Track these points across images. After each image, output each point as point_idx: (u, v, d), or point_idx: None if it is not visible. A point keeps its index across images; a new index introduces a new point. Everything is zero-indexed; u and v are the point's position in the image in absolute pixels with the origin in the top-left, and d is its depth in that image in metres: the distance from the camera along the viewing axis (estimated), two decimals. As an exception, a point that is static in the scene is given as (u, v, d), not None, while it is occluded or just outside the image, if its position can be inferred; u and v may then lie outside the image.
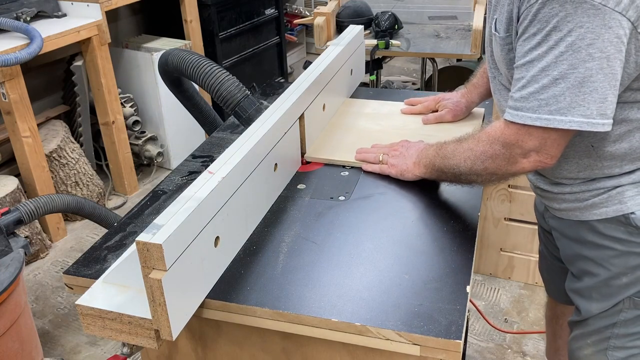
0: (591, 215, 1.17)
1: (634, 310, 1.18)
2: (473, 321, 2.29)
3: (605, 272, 1.18)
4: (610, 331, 1.22)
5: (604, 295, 1.20)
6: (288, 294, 1.02)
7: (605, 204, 1.14)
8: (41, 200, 2.02)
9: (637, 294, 1.16)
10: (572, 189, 1.18)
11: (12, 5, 2.77)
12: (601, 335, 1.24)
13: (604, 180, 1.14)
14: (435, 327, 0.94)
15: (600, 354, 1.25)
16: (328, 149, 1.48)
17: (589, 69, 0.96)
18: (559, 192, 1.21)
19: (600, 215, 1.15)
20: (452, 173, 1.22)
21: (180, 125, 3.45)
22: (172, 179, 1.43)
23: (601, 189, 1.14)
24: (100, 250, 1.18)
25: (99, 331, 0.99)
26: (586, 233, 1.19)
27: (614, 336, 1.22)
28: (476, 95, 1.58)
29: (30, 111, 2.71)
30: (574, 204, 1.19)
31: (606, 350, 1.24)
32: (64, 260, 2.84)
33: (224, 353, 1.14)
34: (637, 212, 1.11)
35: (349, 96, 1.80)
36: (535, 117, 1.01)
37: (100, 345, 2.31)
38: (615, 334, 1.21)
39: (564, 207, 1.22)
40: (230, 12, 3.75)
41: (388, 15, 2.86)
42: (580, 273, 1.25)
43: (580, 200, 1.18)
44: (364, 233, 1.18)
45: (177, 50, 1.60)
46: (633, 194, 1.12)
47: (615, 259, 1.16)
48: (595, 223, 1.17)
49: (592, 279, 1.21)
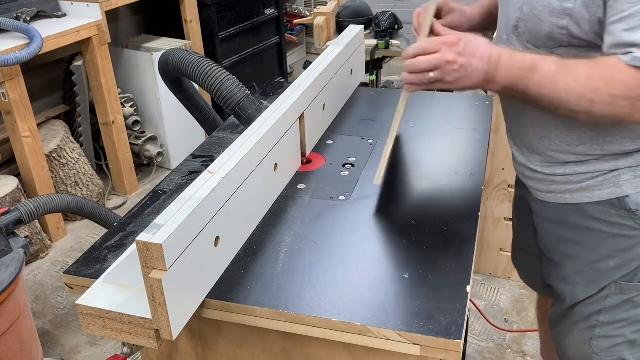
0: (582, 198, 1.16)
1: (620, 296, 1.17)
2: (473, 321, 2.29)
3: (591, 255, 1.18)
4: (596, 319, 1.21)
5: (590, 280, 1.19)
6: (288, 294, 1.02)
7: (599, 186, 1.14)
8: (41, 200, 2.02)
9: (623, 278, 1.16)
10: (565, 170, 1.17)
11: (12, 5, 2.77)
12: (586, 324, 1.23)
13: (599, 163, 1.13)
14: (435, 327, 0.94)
15: (585, 344, 1.24)
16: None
17: None
18: (550, 174, 1.19)
19: (592, 198, 1.14)
20: (547, 100, 1.02)
21: (180, 125, 3.45)
22: (172, 178, 1.43)
23: (597, 171, 1.13)
24: (101, 250, 1.18)
25: (99, 331, 0.99)
26: (573, 216, 1.18)
27: (599, 325, 1.21)
28: (477, 14, 1.39)
29: (30, 111, 2.71)
30: (565, 186, 1.18)
31: (591, 340, 1.23)
32: (64, 260, 2.84)
33: (224, 353, 1.14)
34: (632, 196, 1.11)
35: (349, 97, 1.80)
36: None
37: (100, 345, 2.31)
38: (601, 322, 1.21)
39: (553, 189, 1.20)
40: (230, 12, 3.75)
41: (388, 15, 2.87)
42: (562, 257, 1.24)
43: (572, 183, 1.16)
44: (364, 233, 1.18)
45: (177, 50, 1.60)
46: (629, 177, 1.11)
47: (603, 242, 1.16)
48: (584, 206, 1.16)
49: (576, 263, 1.21)
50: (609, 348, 1.22)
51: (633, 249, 1.14)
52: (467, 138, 1.53)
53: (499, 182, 2.33)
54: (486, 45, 1.04)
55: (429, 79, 1.05)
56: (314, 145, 1.52)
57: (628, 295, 1.17)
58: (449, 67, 1.03)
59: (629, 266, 1.15)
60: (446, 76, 1.04)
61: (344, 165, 1.43)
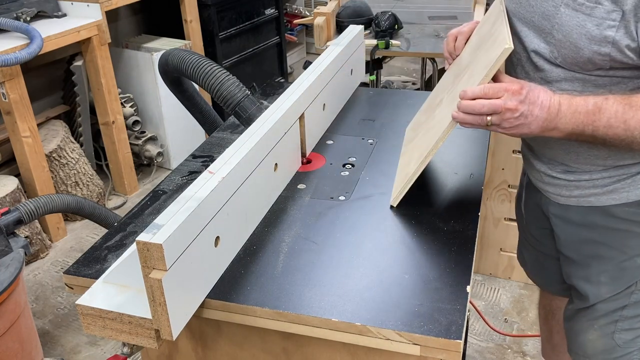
0: (609, 200, 1.16)
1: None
2: (473, 321, 2.29)
3: (618, 255, 1.19)
4: (619, 314, 1.23)
5: (616, 278, 1.21)
6: (288, 294, 1.02)
7: (627, 188, 1.14)
8: (41, 200, 2.02)
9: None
10: (591, 176, 1.17)
11: (12, 5, 2.77)
12: (609, 319, 1.24)
13: (628, 167, 1.13)
14: (435, 327, 0.94)
15: (607, 338, 1.26)
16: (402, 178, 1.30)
17: None
18: (574, 180, 1.19)
19: (619, 200, 1.15)
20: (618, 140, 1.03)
21: (180, 125, 3.45)
22: (172, 178, 1.43)
23: (624, 174, 1.14)
24: (101, 250, 1.18)
25: (99, 331, 0.99)
26: (598, 217, 1.19)
27: (622, 319, 1.23)
28: None
29: (30, 111, 2.71)
30: (590, 190, 1.18)
31: (613, 333, 1.25)
32: (64, 260, 2.84)
33: (224, 353, 1.14)
34: None
35: (348, 97, 1.80)
36: None
37: (100, 345, 2.31)
38: (624, 316, 1.22)
39: (577, 193, 1.20)
40: (230, 12, 3.75)
41: (388, 15, 2.86)
42: (587, 258, 1.25)
43: (598, 187, 1.17)
44: (364, 233, 1.18)
45: (177, 50, 1.60)
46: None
47: (630, 241, 1.17)
48: (610, 207, 1.17)
49: (603, 263, 1.22)
50: (632, 340, 1.24)
51: None
52: (467, 138, 1.53)
53: (499, 182, 2.33)
54: (545, 93, 1.03)
55: (486, 122, 1.04)
56: (314, 145, 1.52)
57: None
58: (509, 115, 1.02)
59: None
60: (504, 122, 1.03)
61: (344, 165, 1.43)
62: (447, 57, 1.36)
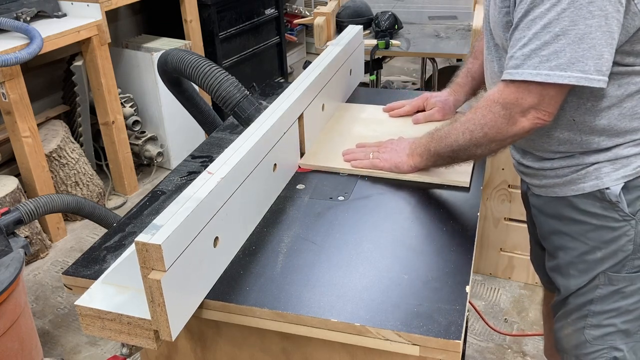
0: (569, 191, 1.21)
1: (608, 286, 1.21)
2: (473, 321, 2.29)
3: (581, 246, 1.22)
4: (588, 309, 1.25)
5: (581, 271, 1.23)
6: (287, 294, 1.02)
7: (582, 179, 1.18)
8: (41, 200, 2.02)
9: (611, 269, 1.20)
10: (552, 164, 1.22)
11: (12, 5, 2.77)
12: (579, 313, 1.27)
13: (582, 157, 1.18)
14: (434, 327, 0.94)
15: (578, 333, 1.28)
16: (322, 155, 1.46)
17: (588, 25, 0.99)
18: (540, 168, 1.25)
19: (577, 191, 1.19)
20: (450, 151, 1.24)
21: (180, 125, 3.45)
22: (171, 179, 1.43)
23: (580, 165, 1.18)
24: (100, 251, 1.18)
25: (98, 332, 0.99)
26: (564, 209, 1.23)
27: (590, 314, 1.25)
28: (462, 94, 1.59)
29: (30, 111, 2.71)
30: (554, 180, 1.23)
31: (583, 328, 1.27)
32: (64, 260, 2.84)
33: (223, 353, 1.14)
34: (612, 188, 1.15)
35: (348, 97, 1.80)
36: (536, 73, 1.04)
37: (100, 346, 2.31)
38: (592, 311, 1.24)
39: (544, 183, 1.25)
40: (230, 12, 3.75)
41: (388, 15, 2.86)
42: (555, 249, 1.28)
43: (559, 176, 1.21)
44: (363, 233, 1.18)
45: (176, 50, 1.60)
46: (609, 170, 1.16)
47: (590, 233, 1.20)
48: (572, 198, 1.21)
49: (567, 254, 1.25)
50: (601, 337, 1.25)
51: (618, 240, 1.18)
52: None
53: (499, 182, 2.33)
54: (409, 138, 1.39)
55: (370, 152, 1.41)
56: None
57: (617, 286, 1.21)
58: (383, 149, 1.40)
59: (615, 257, 1.19)
60: (381, 150, 1.39)
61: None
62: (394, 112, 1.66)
